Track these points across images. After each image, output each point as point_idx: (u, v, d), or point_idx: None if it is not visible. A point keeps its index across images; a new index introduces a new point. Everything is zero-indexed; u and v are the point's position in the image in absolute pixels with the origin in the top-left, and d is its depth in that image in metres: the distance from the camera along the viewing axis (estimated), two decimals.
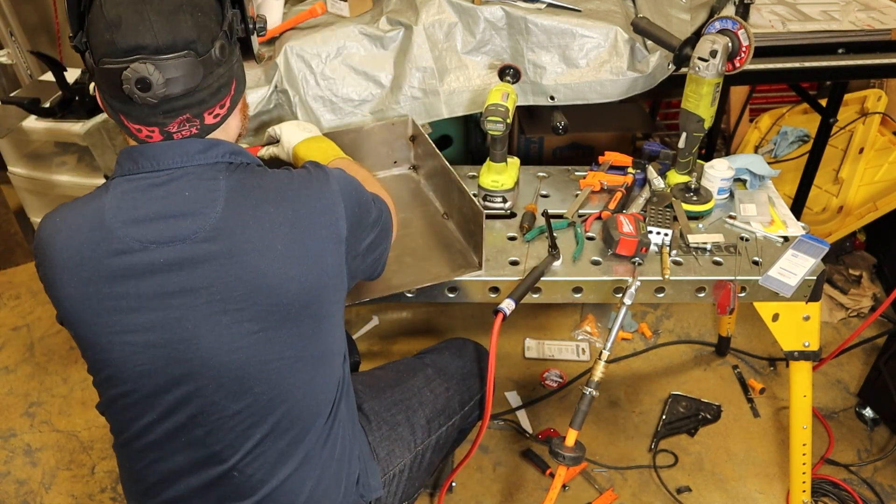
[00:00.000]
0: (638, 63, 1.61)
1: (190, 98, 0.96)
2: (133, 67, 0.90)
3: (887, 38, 1.76)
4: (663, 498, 1.88)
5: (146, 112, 0.95)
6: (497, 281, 1.41)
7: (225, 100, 1.01)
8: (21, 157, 2.40)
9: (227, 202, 0.96)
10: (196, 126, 0.99)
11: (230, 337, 0.97)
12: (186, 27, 0.93)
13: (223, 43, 0.98)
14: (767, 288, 1.40)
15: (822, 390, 2.16)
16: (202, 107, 0.98)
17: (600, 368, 1.35)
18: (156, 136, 0.97)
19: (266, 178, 1.01)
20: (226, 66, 1.00)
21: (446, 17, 1.65)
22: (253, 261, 0.95)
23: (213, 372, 0.98)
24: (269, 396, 1.02)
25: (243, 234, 0.95)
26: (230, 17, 1.01)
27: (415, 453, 1.34)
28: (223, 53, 0.98)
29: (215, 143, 1.00)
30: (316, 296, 1.01)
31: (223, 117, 1.02)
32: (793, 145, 2.56)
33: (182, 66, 0.92)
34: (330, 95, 1.65)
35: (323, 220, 1.00)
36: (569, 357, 2.28)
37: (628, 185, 1.63)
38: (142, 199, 0.96)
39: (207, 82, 0.97)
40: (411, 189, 1.67)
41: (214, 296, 0.95)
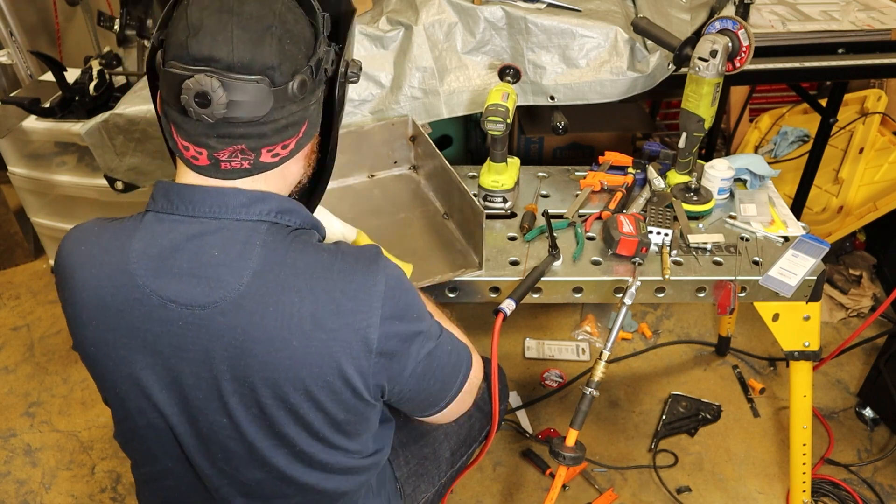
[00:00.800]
0: (638, 63, 1.61)
1: (251, 128, 0.85)
2: (197, 78, 0.80)
3: (887, 38, 1.76)
4: (663, 498, 1.88)
5: (200, 130, 0.85)
6: (497, 281, 1.41)
7: (290, 141, 0.89)
8: (21, 157, 2.40)
9: (254, 276, 0.86)
10: (249, 161, 0.87)
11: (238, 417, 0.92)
12: (269, 51, 0.83)
13: (305, 79, 0.86)
14: (767, 288, 1.40)
15: (822, 390, 2.16)
16: (262, 141, 0.87)
17: (600, 368, 1.35)
18: (202, 159, 0.87)
19: (304, 256, 0.89)
20: (301, 104, 0.88)
21: (446, 17, 1.65)
22: (263, 352, 0.86)
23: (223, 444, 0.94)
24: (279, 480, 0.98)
25: (262, 319, 0.85)
26: (322, 53, 0.89)
27: (438, 486, 1.32)
28: (302, 90, 0.86)
29: (262, 197, 0.89)
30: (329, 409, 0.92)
31: (283, 158, 0.90)
32: (793, 145, 2.56)
33: (251, 91, 0.82)
34: None
35: (351, 321, 0.87)
36: (569, 357, 2.28)
37: (628, 185, 1.63)
38: (169, 249, 0.87)
39: (275, 116, 0.85)
40: (411, 189, 1.67)
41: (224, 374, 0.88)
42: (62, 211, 2.49)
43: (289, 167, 0.93)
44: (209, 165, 0.87)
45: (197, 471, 1.00)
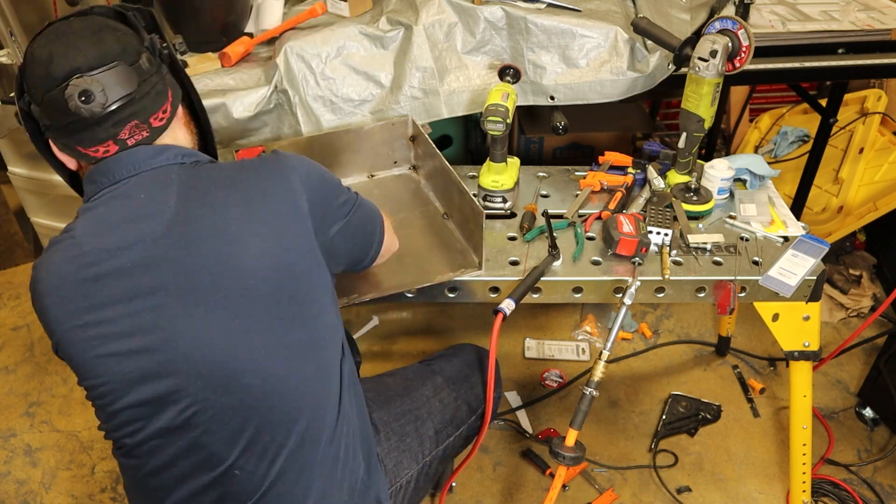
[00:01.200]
0: (638, 63, 1.61)
1: (133, 106, 1.02)
2: (73, 84, 0.96)
3: (887, 38, 1.76)
4: (663, 498, 1.88)
5: (97, 130, 1.01)
6: (497, 281, 1.41)
7: (165, 105, 1.07)
8: (21, 157, 2.39)
9: (178, 197, 0.99)
10: (146, 130, 1.04)
11: (208, 330, 0.97)
12: (110, 43, 1.01)
13: (148, 55, 1.05)
14: (767, 288, 1.40)
15: (822, 390, 2.16)
16: (146, 112, 1.04)
17: (600, 368, 1.35)
18: (112, 147, 1.02)
19: (216, 169, 1.05)
20: (157, 75, 1.06)
21: (446, 17, 1.65)
22: (211, 247, 0.97)
23: (198, 368, 0.98)
24: (261, 388, 1.00)
25: (197, 222, 0.97)
26: (147, 39, 1.08)
27: (422, 464, 1.33)
28: (151, 64, 1.05)
29: (165, 147, 1.05)
30: (288, 274, 1.01)
31: (168, 119, 1.07)
32: (793, 145, 2.56)
33: (115, 75, 0.99)
34: (330, 95, 1.65)
35: (278, 196, 1.01)
36: (569, 357, 2.28)
37: (628, 185, 1.63)
38: (105, 212, 1.01)
39: (144, 89, 1.03)
40: (411, 189, 1.67)
41: (183, 290, 0.96)
42: (62, 211, 2.49)
43: (176, 133, 1.10)
44: (119, 149, 1.03)
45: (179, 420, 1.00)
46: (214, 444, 1.02)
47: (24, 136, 2.38)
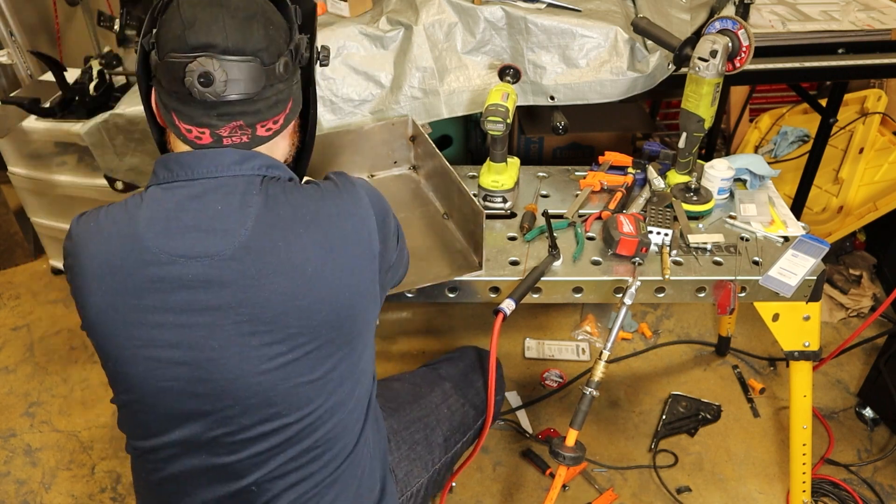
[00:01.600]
0: (638, 63, 1.61)
1: (247, 105, 0.96)
2: (199, 61, 0.91)
3: (887, 38, 1.76)
4: (663, 498, 1.88)
5: (201, 112, 0.95)
6: (497, 281, 1.41)
7: (279, 116, 1.01)
8: (21, 157, 2.40)
9: (257, 220, 0.93)
10: (248, 135, 0.98)
11: (258, 359, 0.94)
12: (258, 35, 0.94)
13: (287, 60, 0.99)
14: (767, 288, 1.40)
15: (822, 390, 2.16)
16: (257, 117, 0.98)
17: (600, 368, 1.35)
18: (206, 137, 0.97)
19: (297, 196, 0.98)
20: (287, 83, 1.00)
21: (446, 17, 1.65)
22: (281, 284, 0.92)
23: (240, 393, 0.96)
24: (298, 425, 0.99)
25: (272, 255, 0.92)
26: (297, 40, 1.02)
27: (432, 472, 1.33)
28: (286, 70, 0.99)
29: (252, 155, 0.98)
30: (348, 316, 0.98)
31: (275, 132, 1.01)
32: (793, 145, 2.56)
33: (246, 70, 0.93)
34: (330, 95, 1.65)
35: (355, 237, 0.98)
36: (569, 357, 2.28)
37: (628, 185, 1.63)
38: (174, 210, 0.94)
39: (266, 94, 0.97)
40: (411, 189, 1.67)
41: (242, 316, 0.93)
42: (62, 211, 2.49)
43: (277, 144, 1.03)
44: (212, 142, 0.97)
45: (204, 437, 0.99)
46: (238, 463, 1.01)
47: (23, 137, 2.38)
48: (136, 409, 1.01)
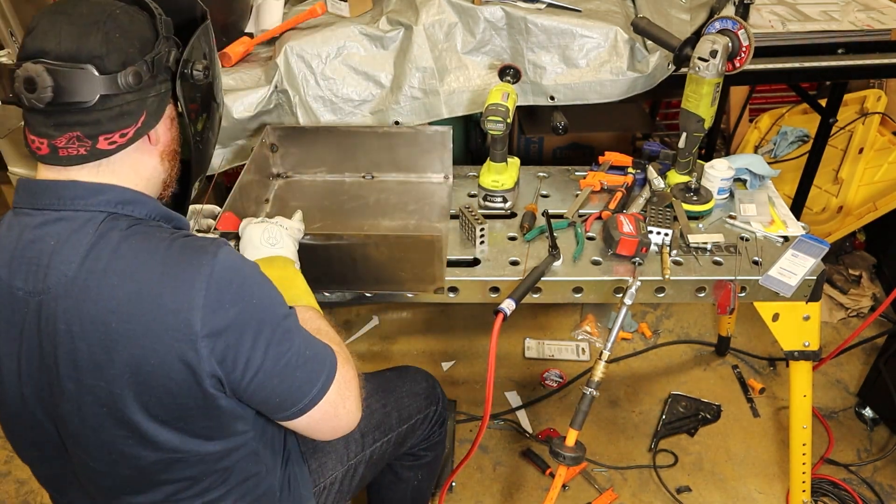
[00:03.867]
0: (638, 63, 1.61)
1: (83, 115, 0.91)
2: (25, 66, 0.88)
3: (887, 38, 1.76)
4: (663, 498, 1.88)
5: (40, 120, 0.92)
6: (497, 281, 1.41)
7: (127, 130, 0.94)
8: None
9: (82, 262, 0.89)
10: (86, 147, 0.92)
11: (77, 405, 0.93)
12: (95, 41, 0.90)
13: (139, 71, 0.92)
14: (767, 288, 1.40)
15: (821, 390, 2.16)
16: (98, 128, 0.92)
17: (600, 368, 1.35)
18: (44, 148, 0.92)
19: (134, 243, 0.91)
20: (138, 95, 0.94)
21: (446, 17, 1.65)
22: (91, 334, 0.88)
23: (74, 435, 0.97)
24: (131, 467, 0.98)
25: (85, 303, 0.88)
26: (162, 51, 0.96)
27: (347, 467, 1.32)
28: (137, 81, 0.92)
29: (101, 188, 0.93)
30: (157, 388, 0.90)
31: (120, 146, 0.94)
32: (793, 145, 2.56)
33: (77, 77, 0.88)
34: (330, 95, 1.65)
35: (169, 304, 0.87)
36: (569, 357, 2.28)
37: (628, 185, 1.63)
38: (17, 240, 0.92)
39: (107, 104, 0.91)
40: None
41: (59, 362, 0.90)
42: None
43: (140, 161, 0.98)
44: (49, 154, 0.92)
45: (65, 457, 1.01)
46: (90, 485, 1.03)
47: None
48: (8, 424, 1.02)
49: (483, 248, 1.47)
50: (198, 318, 0.87)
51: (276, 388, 0.96)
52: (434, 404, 1.50)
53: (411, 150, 1.64)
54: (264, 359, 0.93)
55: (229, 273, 0.91)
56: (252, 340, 0.92)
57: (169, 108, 1.00)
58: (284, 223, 1.26)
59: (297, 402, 0.98)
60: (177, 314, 0.87)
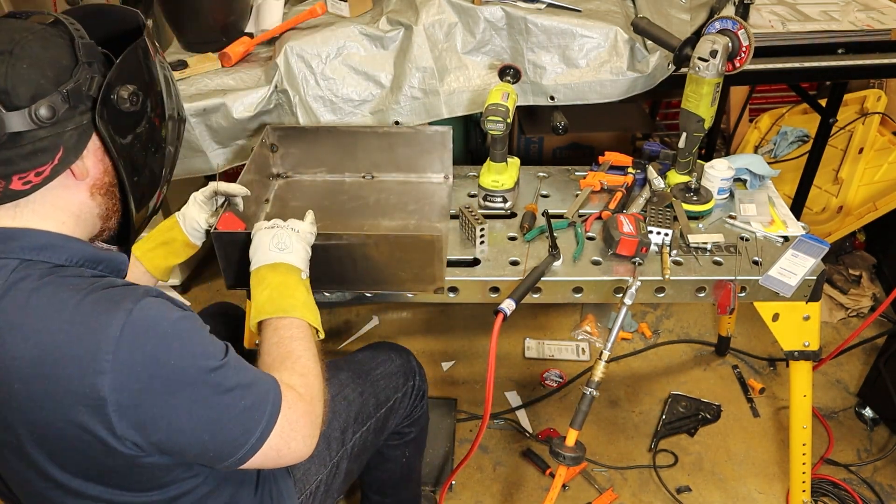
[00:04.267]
0: (638, 63, 1.61)
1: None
2: None
3: (887, 38, 1.76)
4: (663, 498, 1.88)
5: None
6: (497, 281, 1.41)
7: (43, 168, 0.85)
8: None
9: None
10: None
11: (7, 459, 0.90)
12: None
13: (52, 104, 0.83)
14: (767, 288, 1.40)
15: (821, 390, 2.16)
16: (9, 168, 0.84)
17: (600, 368, 1.35)
18: None
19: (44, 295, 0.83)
20: (52, 129, 0.84)
21: (446, 17, 1.65)
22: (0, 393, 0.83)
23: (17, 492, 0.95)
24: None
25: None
26: (82, 79, 0.86)
27: (330, 466, 1.30)
28: (51, 115, 0.83)
29: (12, 234, 0.86)
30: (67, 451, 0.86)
31: (35, 186, 0.86)
32: (793, 145, 2.56)
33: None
34: (330, 95, 1.65)
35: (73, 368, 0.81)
36: (569, 357, 2.28)
37: (628, 185, 1.63)
38: None
39: (18, 141, 0.83)
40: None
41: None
42: None
43: (65, 198, 0.90)
44: None
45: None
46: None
47: None
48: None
49: (483, 248, 1.47)
50: (105, 384, 0.81)
51: (208, 443, 0.90)
52: (410, 379, 1.47)
53: (411, 150, 1.64)
54: (189, 418, 0.87)
55: (143, 332, 0.83)
56: (171, 403, 0.86)
57: (96, 138, 0.90)
58: (297, 226, 1.21)
59: (232, 454, 0.92)
60: (81, 379, 0.81)
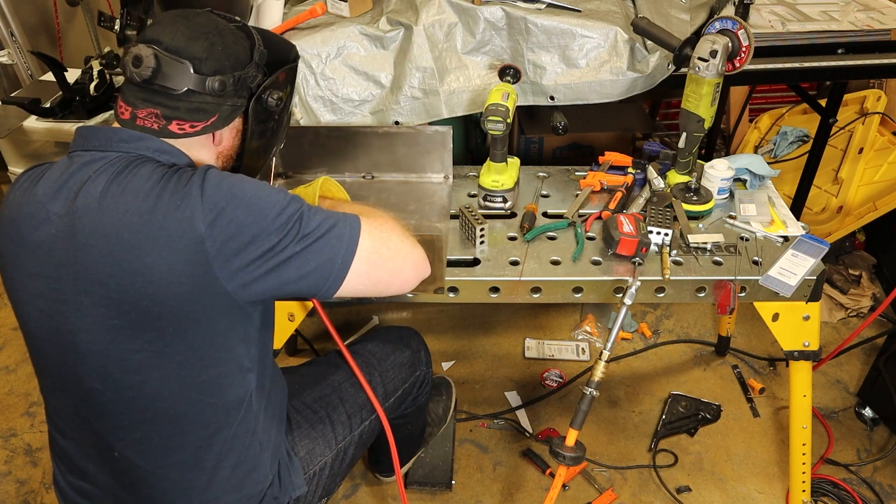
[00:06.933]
0: (638, 63, 1.61)
1: (168, 99, 1.05)
2: (139, 47, 1.03)
3: (887, 38, 1.76)
4: (663, 498, 1.88)
5: (133, 91, 1.06)
6: (497, 281, 1.41)
7: (198, 123, 1.08)
8: (21, 157, 2.39)
9: (106, 186, 1.00)
10: (160, 125, 1.06)
11: (91, 320, 1.01)
12: (200, 46, 1.05)
13: (224, 80, 1.07)
14: (767, 288, 1.40)
15: (821, 390, 2.16)
16: (175, 112, 1.06)
17: (600, 368, 1.36)
18: (126, 114, 1.07)
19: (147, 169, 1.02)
20: (216, 100, 1.08)
21: (446, 17, 1.65)
22: (104, 248, 0.98)
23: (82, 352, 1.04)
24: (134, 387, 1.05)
25: (103, 219, 0.98)
26: (250, 74, 1.11)
27: (336, 450, 1.34)
28: (221, 89, 1.07)
29: (143, 136, 1.06)
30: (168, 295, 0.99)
31: (188, 135, 1.08)
32: (792, 145, 2.56)
33: (176, 68, 1.04)
34: (330, 95, 1.65)
35: (176, 214, 0.98)
36: (569, 357, 2.28)
37: (628, 185, 1.63)
38: (66, 174, 1.03)
39: (190, 98, 1.06)
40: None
41: (79, 275, 1.00)
42: None
43: (199, 151, 1.11)
44: (129, 119, 1.07)
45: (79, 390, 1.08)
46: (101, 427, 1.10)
47: (24, 137, 2.38)
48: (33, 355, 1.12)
49: (483, 248, 1.47)
50: (200, 222, 0.97)
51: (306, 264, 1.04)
52: (418, 369, 1.53)
53: (411, 150, 1.65)
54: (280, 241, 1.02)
55: (217, 180, 1.01)
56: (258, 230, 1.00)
57: (238, 121, 1.15)
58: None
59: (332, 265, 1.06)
60: (180, 222, 0.97)
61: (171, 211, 0.98)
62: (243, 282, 1.01)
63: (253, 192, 1.03)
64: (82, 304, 1.01)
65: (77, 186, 1.01)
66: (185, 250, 0.97)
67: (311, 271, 1.05)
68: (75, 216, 0.99)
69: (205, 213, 0.98)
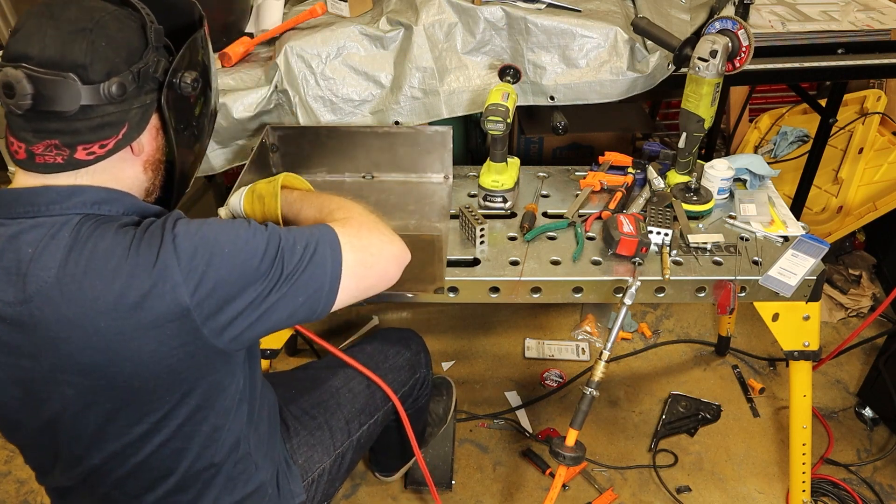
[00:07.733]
0: (638, 63, 1.61)
1: (63, 123, 0.89)
2: (5, 71, 0.86)
3: (887, 38, 1.76)
4: (663, 498, 1.88)
5: (19, 125, 0.90)
6: (497, 281, 1.41)
7: (108, 141, 0.92)
8: None
9: (60, 267, 0.87)
10: (63, 156, 0.91)
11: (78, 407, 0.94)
12: (79, 49, 0.87)
13: (123, 82, 0.90)
14: (767, 288, 1.40)
15: (821, 390, 2.16)
16: (77, 138, 0.90)
17: (600, 368, 1.35)
18: (21, 153, 0.91)
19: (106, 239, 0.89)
20: (120, 106, 0.92)
21: (446, 17, 1.65)
22: (79, 339, 0.88)
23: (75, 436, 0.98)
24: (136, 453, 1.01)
25: (69, 307, 0.87)
26: (151, 61, 0.94)
27: (334, 456, 1.33)
28: (121, 92, 0.90)
29: (74, 190, 0.91)
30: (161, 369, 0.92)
31: (98, 157, 0.92)
32: (792, 145, 2.56)
33: (58, 86, 0.86)
34: (330, 95, 1.65)
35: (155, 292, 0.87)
36: (569, 357, 2.28)
37: (628, 185, 1.63)
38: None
39: (88, 114, 0.89)
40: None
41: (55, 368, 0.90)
42: None
43: (121, 169, 0.96)
44: (26, 159, 0.91)
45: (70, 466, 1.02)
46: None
47: None
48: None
49: (483, 248, 1.47)
50: (183, 294, 0.87)
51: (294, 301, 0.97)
52: (417, 371, 1.51)
53: (411, 150, 1.64)
54: (265, 287, 0.94)
55: (189, 237, 0.90)
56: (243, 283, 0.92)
57: (154, 118, 0.98)
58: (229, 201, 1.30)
59: (321, 292, 0.99)
60: (162, 299, 0.87)
61: (148, 289, 0.87)
62: (233, 335, 0.94)
63: (230, 243, 0.92)
64: (64, 394, 0.92)
65: (18, 266, 0.88)
66: (171, 326, 0.89)
67: (301, 305, 0.98)
68: (32, 305, 0.87)
69: (186, 281, 0.88)
